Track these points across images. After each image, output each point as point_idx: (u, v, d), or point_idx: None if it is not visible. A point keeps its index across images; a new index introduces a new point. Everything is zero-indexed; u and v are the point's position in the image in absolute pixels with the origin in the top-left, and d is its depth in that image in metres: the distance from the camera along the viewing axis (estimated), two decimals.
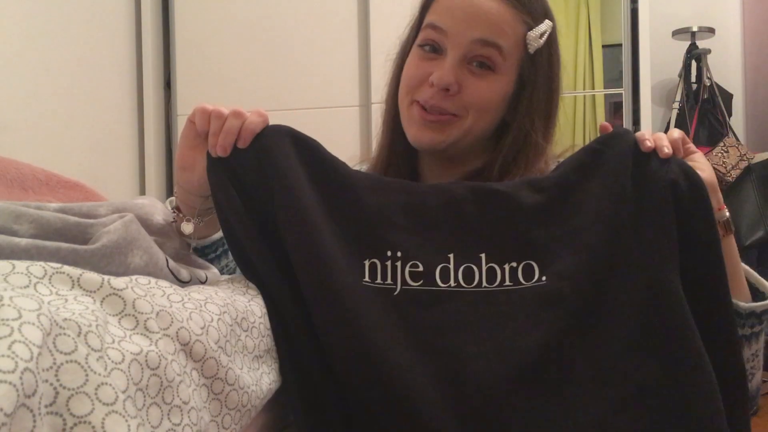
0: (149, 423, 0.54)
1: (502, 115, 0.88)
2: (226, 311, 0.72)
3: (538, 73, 0.87)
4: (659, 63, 2.49)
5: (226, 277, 0.91)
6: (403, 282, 0.72)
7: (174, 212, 0.84)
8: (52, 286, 0.57)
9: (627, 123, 2.25)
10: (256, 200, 0.75)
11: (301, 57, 2.44)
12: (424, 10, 0.90)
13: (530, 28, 0.84)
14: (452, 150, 0.89)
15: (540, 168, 0.87)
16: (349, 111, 2.40)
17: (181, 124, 2.53)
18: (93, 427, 0.47)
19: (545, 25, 0.85)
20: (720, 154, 2.33)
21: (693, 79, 2.53)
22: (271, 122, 0.87)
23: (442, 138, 0.86)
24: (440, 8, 0.86)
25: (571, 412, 0.68)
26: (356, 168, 0.94)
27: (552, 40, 0.87)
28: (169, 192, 2.58)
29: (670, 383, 0.68)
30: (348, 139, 2.40)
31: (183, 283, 0.79)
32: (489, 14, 0.82)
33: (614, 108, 2.29)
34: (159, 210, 0.86)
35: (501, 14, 0.82)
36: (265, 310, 0.79)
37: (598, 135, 0.81)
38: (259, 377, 0.73)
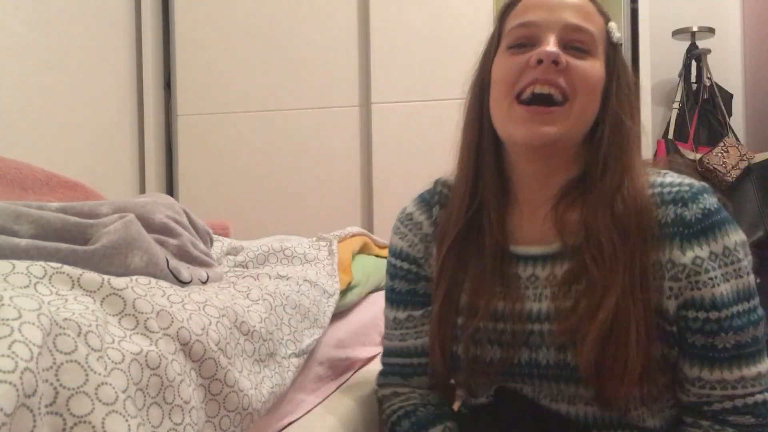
0: (150, 423, 0.54)
1: (598, 108, 0.86)
2: (225, 314, 0.72)
3: (620, 64, 0.87)
4: (659, 63, 2.48)
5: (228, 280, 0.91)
6: None
7: None
8: (52, 286, 0.57)
9: None
10: None
11: (301, 57, 2.44)
12: (503, 18, 0.90)
13: (608, 21, 0.88)
14: (557, 150, 0.85)
15: (638, 164, 0.85)
16: (349, 111, 2.40)
17: (181, 124, 2.54)
18: (93, 426, 0.47)
19: (615, 24, 0.89)
20: (720, 154, 2.33)
21: (693, 79, 2.52)
22: (271, 122, 0.87)
23: (555, 130, 0.82)
24: (524, 9, 0.87)
25: None
26: (434, 188, 0.98)
27: (621, 41, 0.90)
28: (169, 192, 2.57)
29: None
30: (348, 139, 2.40)
31: (183, 283, 0.79)
32: (576, 4, 0.85)
33: None
34: (161, 207, 0.86)
35: (585, 4, 0.86)
36: (265, 315, 0.79)
37: None
38: (260, 381, 0.73)
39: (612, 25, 0.88)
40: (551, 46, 0.82)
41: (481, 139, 0.90)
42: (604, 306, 0.79)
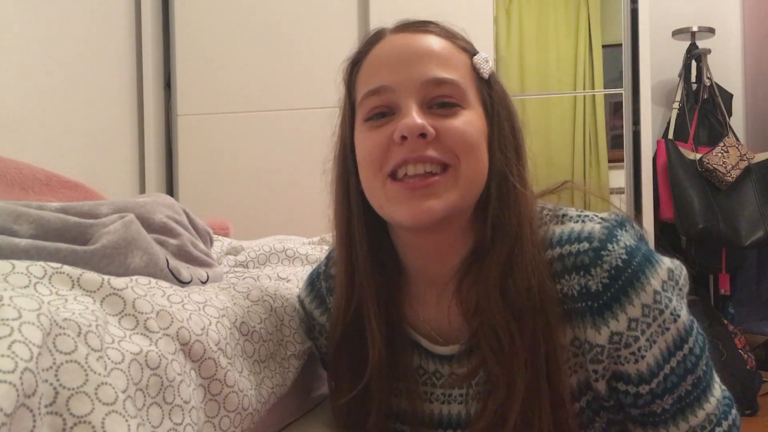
0: (150, 423, 0.54)
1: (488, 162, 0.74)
2: (225, 315, 0.72)
3: (498, 101, 0.76)
4: (659, 63, 2.48)
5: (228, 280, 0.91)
6: None
7: None
8: (52, 286, 0.57)
9: (627, 123, 2.24)
10: None
11: (301, 57, 2.44)
12: (351, 86, 0.78)
13: (473, 54, 0.76)
14: (452, 221, 0.73)
15: (527, 227, 0.73)
16: None
17: (181, 124, 2.53)
18: (93, 426, 0.47)
19: (484, 53, 0.76)
20: (720, 154, 2.32)
21: (693, 79, 2.52)
22: (272, 122, 0.85)
23: (441, 204, 0.70)
24: (371, 70, 0.74)
25: None
26: (327, 269, 0.88)
27: (494, 73, 0.77)
28: (169, 192, 2.57)
29: None
30: None
31: (183, 283, 0.79)
32: (430, 50, 0.72)
33: (614, 108, 2.29)
34: (161, 207, 0.86)
35: (441, 46, 0.73)
36: (265, 316, 0.79)
37: (598, 135, 0.78)
38: (260, 381, 0.73)
39: (478, 59, 0.75)
40: (413, 115, 0.69)
41: (350, 222, 0.77)
42: (510, 413, 0.69)
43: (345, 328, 0.79)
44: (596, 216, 0.74)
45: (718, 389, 0.75)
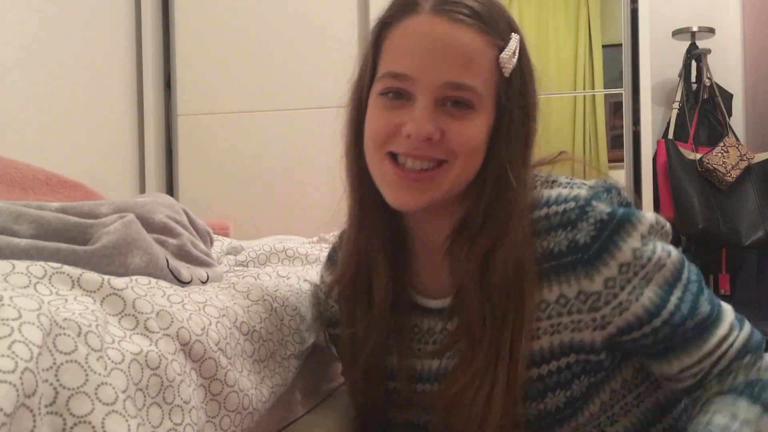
0: (150, 423, 0.54)
1: (483, 158, 0.78)
2: (225, 315, 0.72)
3: (514, 97, 0.77)
4: (659, 63, 2.48)
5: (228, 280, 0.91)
6: None
7: None
8: (52, 286, 0.57)
9: (627, 123, 2.24)
10: None
11: (301, 57, 2.44)
12: (377, 48, 0.78)
13: (501, 50, 0.75)
14: (437, 205, 0.78)
15: (523, 212, 0.77)
16: None
17: (181, 124, 2.53)
18: (93, 426, 0.47)
19: (514, 41, 0.76)
20: (720, 154, 2.32)
21: (693, 79, 2.52)
22: (271, 122, 0.85)
23: (428, 196, 0.76)
24: (398, 50, 0.76)
25: None
26: (339, 243, 0.94)
27: (522, 53, 0.78)
28: (169, 192, 2.57)
29: None
30: None
31: (183, 283, 0.79)
32: (459, 49, 0.73)
33: (614, 108, 2.29)
34: (161, 207, 0.86)
35: (471, 45, 0.74)
36: (265, 316, 0.79)
37: (598, 135, 0.80)
38: (260, 381, 0.73)
39: (505, 56, 0.75)
40: (425, 117, 0.73)
41: (361, 181, 0.81)
42: (458, 379, 0.77)
43: (356, 266, 0.84)
44: (584, 183, 0.79)
45: (730, 311, 0.82)
